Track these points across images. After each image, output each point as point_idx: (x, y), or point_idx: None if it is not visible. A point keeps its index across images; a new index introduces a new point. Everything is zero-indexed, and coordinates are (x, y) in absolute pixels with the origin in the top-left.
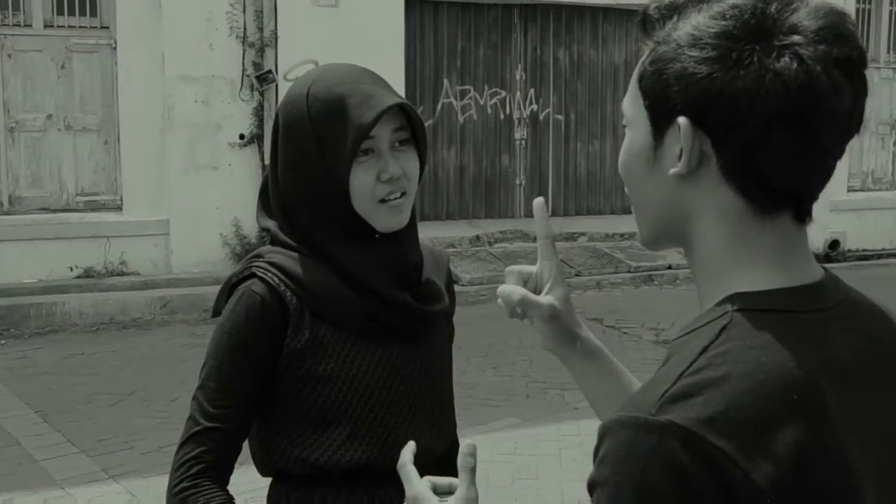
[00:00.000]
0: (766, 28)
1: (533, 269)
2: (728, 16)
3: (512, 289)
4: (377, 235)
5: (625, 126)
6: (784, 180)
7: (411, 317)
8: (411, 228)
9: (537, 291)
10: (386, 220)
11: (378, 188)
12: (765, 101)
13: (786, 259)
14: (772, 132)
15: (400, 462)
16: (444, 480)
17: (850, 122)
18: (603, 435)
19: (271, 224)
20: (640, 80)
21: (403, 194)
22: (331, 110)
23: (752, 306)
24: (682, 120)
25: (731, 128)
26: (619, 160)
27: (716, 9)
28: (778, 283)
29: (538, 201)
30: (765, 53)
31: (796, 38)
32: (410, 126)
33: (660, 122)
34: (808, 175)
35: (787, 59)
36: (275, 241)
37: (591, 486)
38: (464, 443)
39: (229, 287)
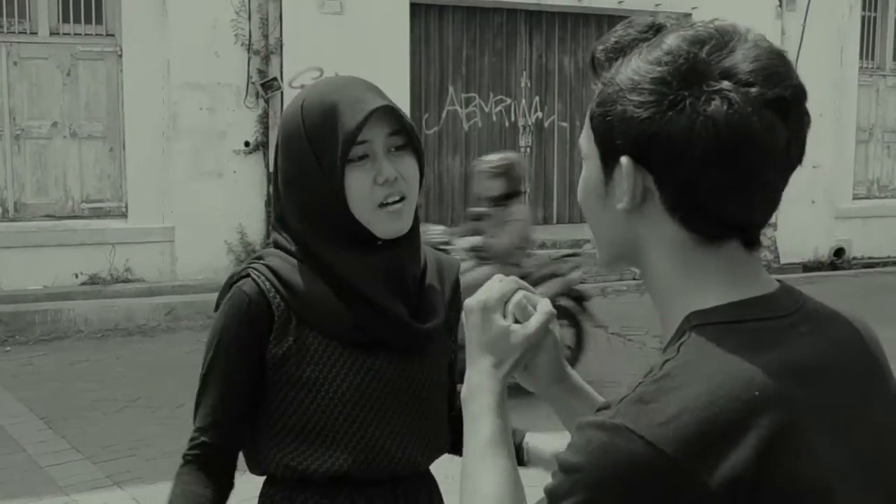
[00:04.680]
0: (698, 73)
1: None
2: (663, 62)
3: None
4: (379, 243)
5: (583, 159)
6: (725, 213)
7: (402, 331)
8: (413, 239)
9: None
10: (386, 226)
11: (375, 192)
12: (697, 142)
13: (735, 277)
14: (707, 171)
15: (502, 276)
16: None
17: (789, 155)
18: (576, 429)
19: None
20: (591, 119)
21: (403, 199)
22: (322, 118)
23: (707, 321)
24: (624, 159)
25: (669, 167)
26: (578, 191)
27: (653, 54)
28: (729, 299)
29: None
30: (696, 98)
31: (725, 83)
32: (406, 132)
33: (608, 160)
34: (749, 208)
35: (717, 102)
36: (277, 247)
37: (556, 460)
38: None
39: (228, 285)
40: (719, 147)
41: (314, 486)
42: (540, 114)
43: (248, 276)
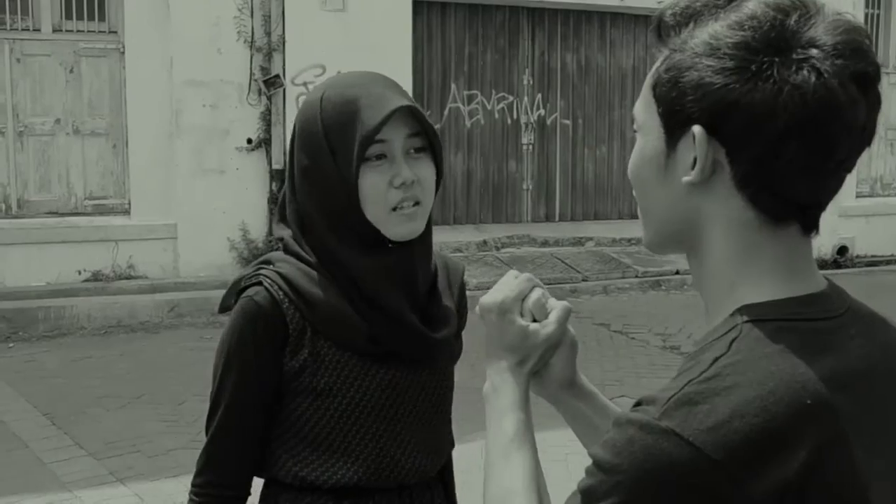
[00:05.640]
0: (785, 40)
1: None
2: (747, 26)
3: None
4: (390, 245)
5: (635, 131)
6: (796, 192)
7: (415, 340)
8: (425, 243)
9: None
10: (398, 228)
11: (390, 194)
12: (782, 113)
13: (791, 269)
14: (787, 144)
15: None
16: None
17: (864, 135)
18: (613, 424)
19: (286, 234)
20: (655, 87)
21: (417, 203)
22: (342, 113)
23: (761, 317)
24: (696, 129)
25: (746, 139)
26: (630, 165)
27: (733, 18)
28: (784, 294)
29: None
30: (784, 66)
31: (814, 52)
32: (426, 135)
33: (674, 130)
34: (821, 187)
35: (805, 72)
36: (287, 250)
37: (592, 456)
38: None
39: (238, 290)
40: (804, 119)
41: (318, 492)
42: (542, 111)
43: (259, 283)
